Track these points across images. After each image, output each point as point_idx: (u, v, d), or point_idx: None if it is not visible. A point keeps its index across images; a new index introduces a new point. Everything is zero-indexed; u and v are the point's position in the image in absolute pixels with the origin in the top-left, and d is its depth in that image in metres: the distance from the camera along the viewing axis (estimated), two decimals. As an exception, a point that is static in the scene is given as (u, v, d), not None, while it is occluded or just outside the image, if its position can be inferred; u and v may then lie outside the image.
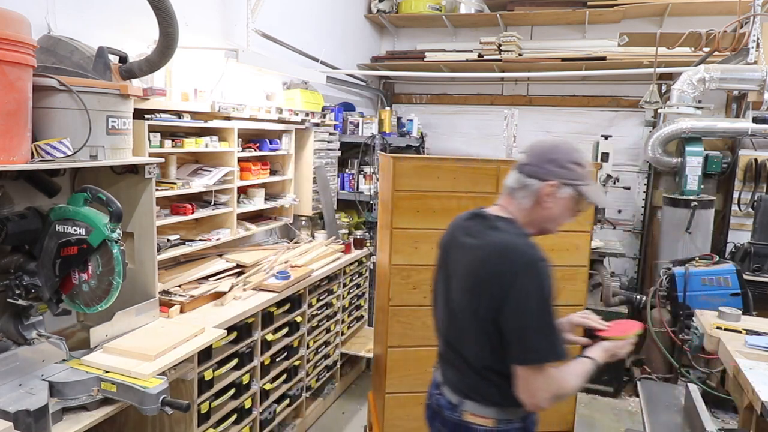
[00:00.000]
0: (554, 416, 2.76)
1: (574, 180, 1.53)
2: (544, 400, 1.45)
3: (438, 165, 2.51)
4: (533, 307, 1.42)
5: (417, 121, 5.55)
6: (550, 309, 1.43)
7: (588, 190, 1.54)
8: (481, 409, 1.57)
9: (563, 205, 1.55)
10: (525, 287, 1.42)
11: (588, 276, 2.76)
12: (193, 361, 2.22)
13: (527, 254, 1.45)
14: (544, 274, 1.43)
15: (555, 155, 1.54)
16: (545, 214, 1.56)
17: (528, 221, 1.58)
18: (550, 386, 1.44)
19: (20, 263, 1.89)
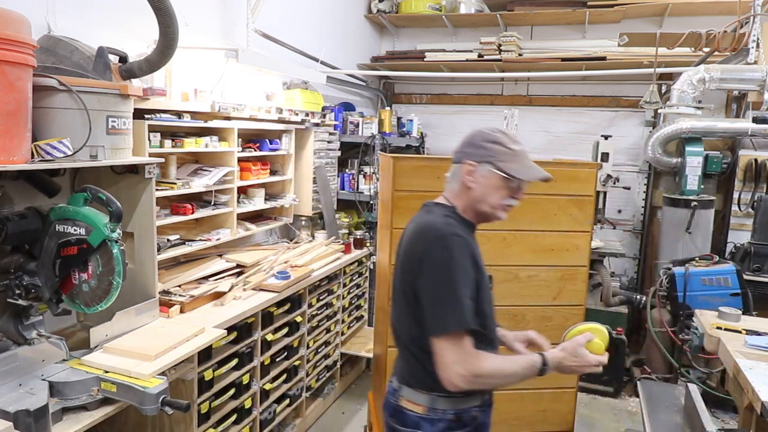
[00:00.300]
0: (554, 416, 2.76)
1: (489, 157, 1.55)
2: (457, 375, 1.42)
3: (438, 165, 2.51)
4: (441, 278, 1.45)
5: (417, 121, 5.55)
6: (459, 280, 1.45)
7: (506, 165, 1.54)
8: (415, 395, 1.60)
9: (486, 183, 1.56)
10: (434, 260, 1.46)
11: (588, 276, 2.76)
12: (193, 361, 2.22)
13: (440, 230, 1.50)
14: (453, 247, 1.46)
15: (473, 138, 1.61)
16: (473, 195, 1.58)
17: (463, 207, 1.61)
18: (463, 362, 1.43)
19: (20, 263, 1.89)
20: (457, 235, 1.49)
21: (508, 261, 2.59)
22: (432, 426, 1.57)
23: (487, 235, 2.56)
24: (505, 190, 1.57)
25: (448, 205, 1.63)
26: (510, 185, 1.56)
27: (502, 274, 2.60)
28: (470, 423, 1.62)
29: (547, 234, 2.61)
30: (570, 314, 2.69)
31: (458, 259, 1.46)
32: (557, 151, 5.58)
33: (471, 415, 1.62)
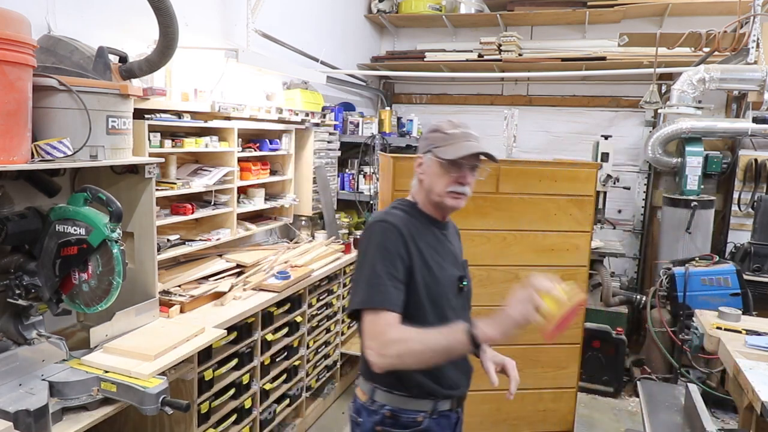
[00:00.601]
0: (554, 416, 2.76)
1: (430, 146, 1.57)
2: (369, 350, 1.39)
3: (438, 165, 2.50)
4: (360, 261, 1.49)
5: (417, 121, 5.55)
6: (376, 263, 1.44)
7: (440, 150, 1.53)
8: (362, 383, 1.62)
9: (430, 172, 1.57)
10: (361, 245, 1.51)
11: (588, 276, 2.76)
12: (193, 361, 2.22)
13: (375, 218, 1.54)
14: (376, 233, 1.49)
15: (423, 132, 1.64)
16: (424, 187, 1.59)
17: (423, 200, 1.62)
18: (374, 337, 1.38)
19: (20, 263, 1.89)
20: (384, 221, 1.50)
21: (508, 261, 2.58)
22: (369, 416, 1.57)
23: (487, 235, 2.57)
24: (446, 176, 1.54)
25: (410, 200, 1.65)
26: (450, 170, 1.53)
27: (502, 274, 2.60)
28: (411, 426, 1.54)
29: (547, 234, 2.61)
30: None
31: (381, 243, 1.46)
32: (557, 151, 5.58)
33: (412, 419, 1.54)
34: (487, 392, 2.67)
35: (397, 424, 1.54)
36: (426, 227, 1.58)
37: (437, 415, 1.57)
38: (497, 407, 2.70)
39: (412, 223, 1.54)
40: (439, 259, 1.57)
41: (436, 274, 1.54)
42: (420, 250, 1.51)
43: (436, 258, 1.56)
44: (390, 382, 1.53)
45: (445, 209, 1.61)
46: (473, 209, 2.53)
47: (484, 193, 2.54)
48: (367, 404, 1.58)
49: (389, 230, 1.48)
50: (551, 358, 2.71)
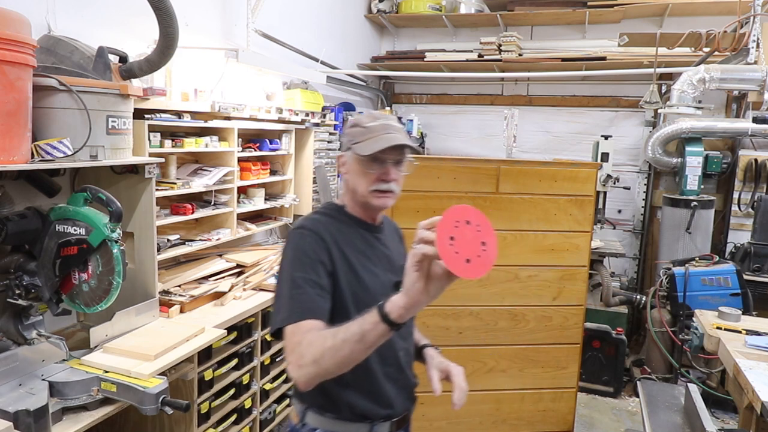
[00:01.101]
0: (554, 416, 2.76)
1: (350, 143, 1.43)
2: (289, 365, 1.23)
3: (438, 165, 2.51)
4: (279, 274, 1.36)
5: (417, 121, 5.55)
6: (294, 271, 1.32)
7: (358, 146, 1.39)
8: (295, 403, 1.49)
9: (352, 170, 1.44)
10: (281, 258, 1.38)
11: (588, 276, 2.75)
12: (193, 361, 2.22)
13: (295, 225, 1.42)
14: (292, 241, 1.37)
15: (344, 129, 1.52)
16: (349, 187, 1.47)
17: (351, 202, 1.49)
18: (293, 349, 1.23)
19: (20, 263, 1.89)
20: (302, 228, 1.38)
21: (508, 261, 2.58)
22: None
23: (487, 235, 2.56)
24: (368, 174, 1.40)
25: (337, 204, 1.51)
26: (372, 167, 1.39)
27: (502, 274, 2.60)
28: None
29: (547, 234, 2.61)
30: (570, 314, 2.69)
31: (298, 250, 1.35)
32: (557, 151, 5.58)
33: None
34: (487, 392, 2.68)
35: None
36: (353, 231, 1.45)
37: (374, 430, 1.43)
38: (497, 407, 2.70)
39: (336, 228, 1.41)
40: (368, 264, 1.42)
41: (365, 280, 1.40)
42: (345, 255, 1.38)
43: (364, 263, 1.42)
44: (321, 403, 1.40)
45: (372, 210, 1.46)
46: (473, 209, 2.54)
47: (485, 193, 2.54)
48: (298, 427, 1.44)
49: (307, 236, 1.36)
50: (551, 358, 2.71)
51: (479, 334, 2.62)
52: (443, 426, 2.67)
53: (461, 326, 2.60)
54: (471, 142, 5.91)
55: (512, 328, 2.64)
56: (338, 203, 1.51)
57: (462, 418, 2.68)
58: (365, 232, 1.47)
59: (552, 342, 2.69)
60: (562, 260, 2.64)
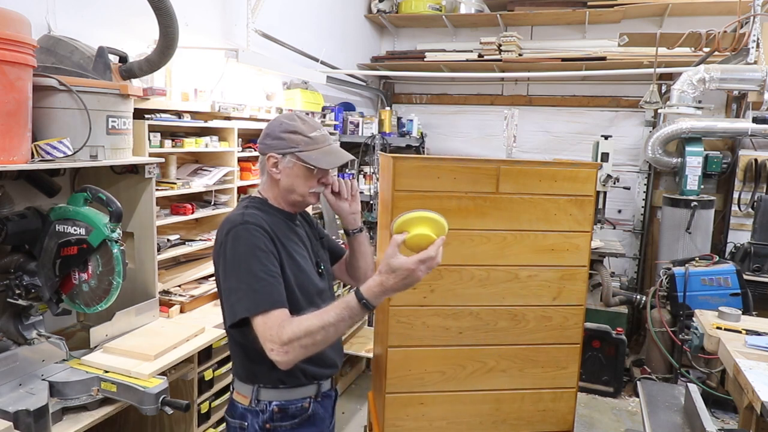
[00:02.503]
0: (554, 416, 2.76)
1: (289, 148, 1.55)
2: (271, 352, 1.36)
3: (438, 165, 2.50)
4: (231, 268, 1.45)
5: (417, 121, 5.55)
6: (251, 265, 1.43)
7: (307, 155, 1.55)
8: (241, 386, 1.60)
9: (291, 174, 1.57)
10: (226, 251, 1.47)
11: (588, 276, 2.75)
12: (193, 361, 2.22)
13: (232, 221, 1.50)
14: (242, 236, 1.46)
15: (271, 129, 1.60)
16: (282, 186, 1.59)
17: (274, 197, 1.63)
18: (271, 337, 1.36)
19: (20, 263, 1.89)
20: (246, 223, 1.48)
21: (508, 261, 2.58)
22: (255, 417, 1.56)
23: (487, 235, 2.56)
24: (311, 179, 1.59)
25: (259, 197, 1.64)
26: (316, 174, 1.60)
27: (502, 274, 2.59)
28: (299, 414, 1.59)
29: (547, 234, 2.61)
30: (570, 314, 2.68)
31: (250, 245, 1.46)
32: (557, 151, 5.58)
33: (300, 407, 1.59)
34: (487, 392, 2.68)
35: (286, 416, 1.58)
36: (281, 221, 1.60)
37: (321, 397, 1.65)
38: (497, 407, 2.70)
39: (269, 220, 1.54)
40: (297, 248, 1.60)
41: (300, 263, 1.58)
42: (283, 244, 1.54)
43: (295, 248, 1.59)
44: (275, 378, 1.54)
45: (302, 206, 1.66)
46: (473, 209, 2.53)
47: (485, 193, 2.53)
48: (252, 406, 1.57)
49: (256, 230, 1.48)
50: (551, 358, 2.70)
51: (479, 334, 2.62)
52: (443, 426, 2.67)
53: (461, 326, 2.60)
54: (471, 142, 5.91)
55: (512, 328, 2.64)
56: (260, 197, 1.64)
57: (462, 418, 2.68)
58: (288, 221, 1.64)
59: (552, 342, 2.69)
60: (562, 260, 2.63)
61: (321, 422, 1.66)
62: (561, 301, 2.66)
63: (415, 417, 2.63)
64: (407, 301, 2.56)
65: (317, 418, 1.64)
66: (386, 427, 2.62)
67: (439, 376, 2.61)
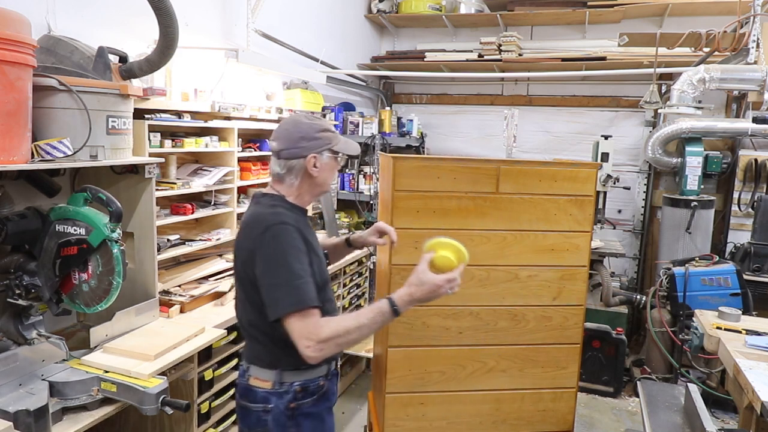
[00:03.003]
0: (554, 416, 2.76)
1: (326, 145, 1.72)
2: (306, 348, 1.49)
3: (438, 165, 2.50)
4: (274, 265, 1.55)
5: (417, 121, 5.55)
6: (294, 264, 1.55)
7: (340, 147, 1.75)
8: (261, 372, 1.70)
9: (327, 167, 1.74)
10: (266, 249, 1.57)
11: (588, 276, 2.75)
12: (193, 361, 2.22)
13: (268, 220, 1.60)
14: (282, 235, 1.58)
15: (302, 132, 1.70)
16: (317, 182, 1.74)
17: (299, 194, 1.74)
18: (308, 334, 1.49)
19: (20, 263, 1.89)
20: (284, 223, 1.59)
21: (508, 261, 2.58)
22: (279, 399, 1.68)
23: (487, 235, 2.56)
24: (336, 168, 1.79)
25: (276, 194, 1.73)
26: (339, 162, 1.78)
27: (502, 274, 2.59)
28: (317, 392, 1.74)
29: (547, 234, 2.61)
30: (570, 314, 2.69)
31: (289, 244, 1.57)
32: (557, 151, 5.58)
33: (317, 385, 1.74)
34: (487, 392, 2.68)
35: (307, 394, 1.71)
36: (302, 218, 1.75)
37: (331, 375, 1.82)
38: (497, 407, 2.70)
39: (295, 218, 1.67)
40: (316, 243, 1.75)
41: (321, 258, 1.74)
42: (308, 240, 1.66)
43: (315, 243, 1.74)
44: (298, 362, 1.60)
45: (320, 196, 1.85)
46: (473, 209, 2.53)
47: (485, 193, 2.53)
48: (275, 389, 1.69)
49: (293, 231, 1.60)
50: (551, 358, 2.70)
51: (479, 334, 2.62)
52: (443, 426, 2.67)
53: (461, 326, 2.60)
54: (471, 142, 5.91)
55: (512, 328, 2.64)
56: (279, 194, 1.73)
57: (462, 418, 2.68)
58: (306, 218, 1.79)
59: (552, 342, 2.69)
60: (562, 260, 2.63)
61: (332, 396, 1.84)
62: (561, 301, 2.66)
63: (415, 417, 2.63)
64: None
65: (330, 393, 1.81)
66: (386, 427, 2.62)
67: (439, 376, 2.61)
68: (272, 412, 1.68)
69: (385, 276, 2.63)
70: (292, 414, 1.69)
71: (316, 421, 1.75)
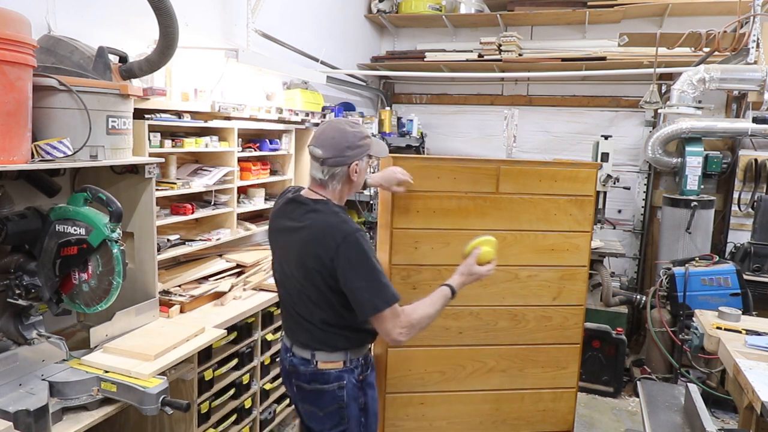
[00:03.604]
0: (554, 416, 2.76)
1: (366, 151, 1.89)
2: (400, 335, 1.76)
3: (438, 165, 2.51)
4: (358, 269, 1.74)
5: (417, 121, 5.55)
6: (373, 266, 1.75)
7: (374, 151, 1.91)
8: (330, 356, 1.88)
9: (363, 171, 1.92)
10: (347, 256, 1.74)
11: (588, 276, 2.75)
12: (193, 361, 2.22)
13: (344, 230, 1.77)
14: (360, 242, 1.76)
15: (348, 141, 1.83)
16: (355, 185, 1.93)
17: (341, 197, 1.93)
18: (401, 323, 1.76)
19: (20, 263, 1.89)
20: (358, 230, 1.78)
21: (508, 261, 2.58)
22: (351, 374, 1.89)
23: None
24: (367, 168, 1.96)
25: (325, 199, 1.88)
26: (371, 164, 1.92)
27: (502, 274, 2.59)
28: (371, 361, 2.01)
29: (547, 234, 2.61)
30: (570, 314, 2.69)
31: (368, 249, 1.76)
32: (557, 151, 5.58)
33: (370, 357, 2.00)
34: (487, 392, 2.68)
35: (367, 364, 1.97)
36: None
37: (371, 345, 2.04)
38: (497, 407, 2.70)
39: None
40: None
41: None
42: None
43: None
44: (360, 341, 1.92)
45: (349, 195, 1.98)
46: (473, 209, 2.53)
47: (485, 193, 2.53)
48: (346, 366, 1.89)
49: (365, 235, 1.80)
50: (551, 358, 2.71)
51: (479, 334, 2.62)
52: (443, 426, 2.67)
53: (461, 326, 2.60)
54: (471, 142, 5.91)
55: (512, 328, 2.64)
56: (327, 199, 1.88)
57: (462, 418, 2.68)
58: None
59: (552, 342, 2.69)
60: (562, 260, 2.64)
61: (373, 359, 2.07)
62: (561, 301, 2.67)
63: (415, 417, 2.63)
64: (407, 301, 2.55)
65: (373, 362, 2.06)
66: (386, 427, 2.62)
67: (439, 376, 2.61)
68: (346, 387, 1.88)
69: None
70: (361, 385, 1.92)
71: (372, 389, 1.98)
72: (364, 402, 1.93)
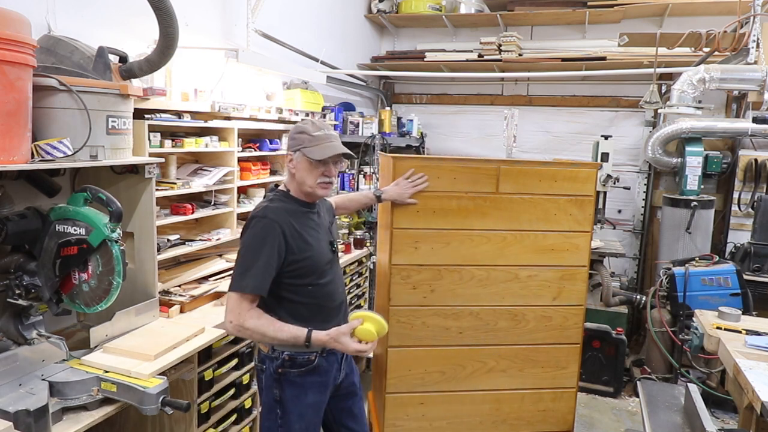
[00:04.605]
0: (554, 416, 2.76)
1: (299, 146, 1.91)
2: (228, 323, 1.81)
3: (438, 165, 2.51)
4: (241, 248, 1.85)
5: (417, 121, 5.55)
6: (254, 250, 1.81)
7: (309, 150, 1.89)
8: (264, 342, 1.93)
9: (301, 167, 1.92)
10: (243, 234, 1.89)
11: (588, 276, 2.75)
12: (193, 361, 2.22)
13: (257, 213, 1.88)
14: (256, 225, 1.84)
15: (291, 132, 1.96)
16: (297, 179, 1.95)
17: (294, 189, 1.98)
18: (236, 315, 1.79)
19: (20, 263, 1.89)
20: (264, 217, 1.84)
21: (508, 261, 2.59)
22: (271, 363, 1.94)
23: (487, 235, 2.57)
24: (316, 171, 1.92)
25: (283, 189, 1.99)
26: (318, 167, 1.91)
27: (502, 274, 2.60)
28: (306, 365, 1.94)
29: (547, 234, 2.61)
30: (570, 314, 2.69)
31: (261, 236, 1.82)
32: (557, 151, 5.58)
33: (306, 359, 1.94)
34: (487, 392, 2.68)
35: (294, 364, 1.93)
36: (298, 209, 1.95)
37: (326, 354, 1.97)
38: (497, 407, 2.70)
39: (286, 209, 1.91)
40: (313, 233, 1.96)
41: (312, 244, 1.93)
42: (294, 227, 1.88)
43: (307, 230, 1.93)
44: None
45: (315, 196, 1.97)
46: (473, 209, 2.53)
47: (485, 193, 2.54)
48: (269, 354, 1.94)
49: (269, 225, 1.83)
50: (551, 358, 2.71)
51: (479, 334, 2.62)
52: (443, 426, 2.67)
53: (461, 326, 2.60)
54: (471, 142, 5.91)
55: (512, 328, 2.64)
56: (284, 189, 1.99)
57: (462, 418, 2.68)
58: (305, 209, 1.98)
59: (552, 342, 2.69)
60: (562, 260, 2.64)
61: (325, 373, 2.00)
62: (561, 301, 2.67)
63: (415, 417, 2.63)
64: (407, 301, 2.56)
65: (321, 370, 1.98)
66: (386, 427, 2.62)
67: (439, 376, 2.62)
68: (265, 372, 1.96)
69: (385, 276, 2.63)
70: (278, 378, 1.93)
71: (297, 390, 1.95)
72: (279, 396, 1.95)
